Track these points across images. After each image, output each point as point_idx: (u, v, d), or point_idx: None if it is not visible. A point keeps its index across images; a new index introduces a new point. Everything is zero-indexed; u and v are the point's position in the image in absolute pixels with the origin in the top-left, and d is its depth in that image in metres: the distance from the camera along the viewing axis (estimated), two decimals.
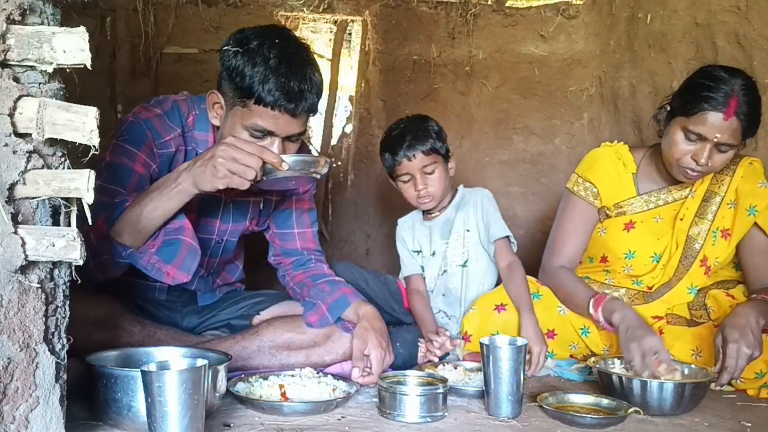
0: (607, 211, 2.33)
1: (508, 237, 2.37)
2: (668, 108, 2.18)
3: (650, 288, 2.32)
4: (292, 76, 1.69)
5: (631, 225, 2.30)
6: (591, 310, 2.11)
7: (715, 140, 2.03)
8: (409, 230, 2.52)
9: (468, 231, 2.41)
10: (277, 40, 1.72)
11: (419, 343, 2.21)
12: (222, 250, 2.13)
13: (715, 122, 2.02)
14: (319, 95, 1.77)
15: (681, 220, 2.26)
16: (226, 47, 1.74)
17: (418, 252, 2.49)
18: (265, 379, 1.78)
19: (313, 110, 1.79)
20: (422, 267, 2.48)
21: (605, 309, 2.06)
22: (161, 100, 1.94)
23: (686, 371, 1.91)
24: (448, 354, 2.28)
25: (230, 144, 1.62)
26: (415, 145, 2.33)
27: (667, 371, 1.83)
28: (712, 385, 1.97)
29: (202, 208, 1.98)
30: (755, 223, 2.19)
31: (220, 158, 1.60)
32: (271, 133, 1.74)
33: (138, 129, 1.83)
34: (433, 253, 2.45)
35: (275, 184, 1.75)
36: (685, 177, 2.15)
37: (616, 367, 1.96)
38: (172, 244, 1.69)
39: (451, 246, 2.42)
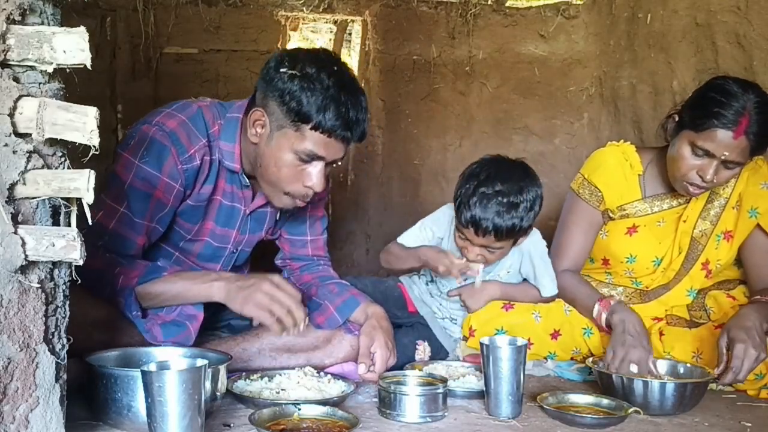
0: (611, 214, 2.31)
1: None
2: (676, 118, 2.12)
3: (647, 287, 2.32)
4: (351, 105, 1.73)
5: (634, 229, 2.28)
6: (595, 313, 2.11)
7: (723, 158, 1.98)
8: (447, 239, 2.29)
9: (509, 273, 2.29)
10: (335, 68, 1.75)
11: (417, 345, 2.20)
12: (235, 260, 2.13)
13: (724, 140, 1.96)
14: (368, 122, 1.81)
15: (684, 221, 2.25)
16: (281, 69, 1.73)
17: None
18: (265, 376, 1.79)
19: (364, 137, 1.83)
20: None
21: (610, 312, 2.06)
22: (185, 104, 1.86)
23: (682, 370, 1.91)
24: (448, 354, 2.28)
25: (277, 284, 1.71)
26: (495, 226, 2.03)
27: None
28: (713, 385, 1.97)
29: (221, 217, 1.98)
30: (758, 225, 2.18)
31: (261, 293, 1.69)
32: (319, 158, 1.77)
33: (159, 146, 1.76)
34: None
35: None
36: (688, 192, 2.11)
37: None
38: (179, 326, 1.76)
39: (488, 272, 2.27)
